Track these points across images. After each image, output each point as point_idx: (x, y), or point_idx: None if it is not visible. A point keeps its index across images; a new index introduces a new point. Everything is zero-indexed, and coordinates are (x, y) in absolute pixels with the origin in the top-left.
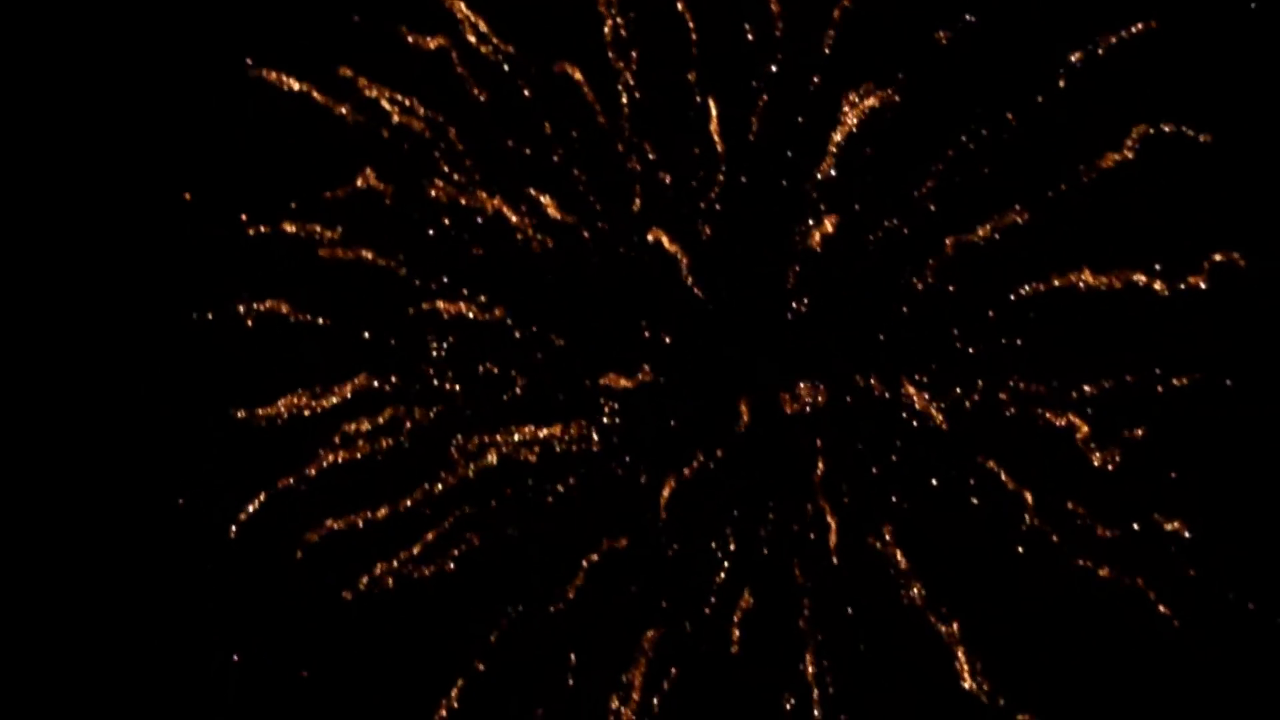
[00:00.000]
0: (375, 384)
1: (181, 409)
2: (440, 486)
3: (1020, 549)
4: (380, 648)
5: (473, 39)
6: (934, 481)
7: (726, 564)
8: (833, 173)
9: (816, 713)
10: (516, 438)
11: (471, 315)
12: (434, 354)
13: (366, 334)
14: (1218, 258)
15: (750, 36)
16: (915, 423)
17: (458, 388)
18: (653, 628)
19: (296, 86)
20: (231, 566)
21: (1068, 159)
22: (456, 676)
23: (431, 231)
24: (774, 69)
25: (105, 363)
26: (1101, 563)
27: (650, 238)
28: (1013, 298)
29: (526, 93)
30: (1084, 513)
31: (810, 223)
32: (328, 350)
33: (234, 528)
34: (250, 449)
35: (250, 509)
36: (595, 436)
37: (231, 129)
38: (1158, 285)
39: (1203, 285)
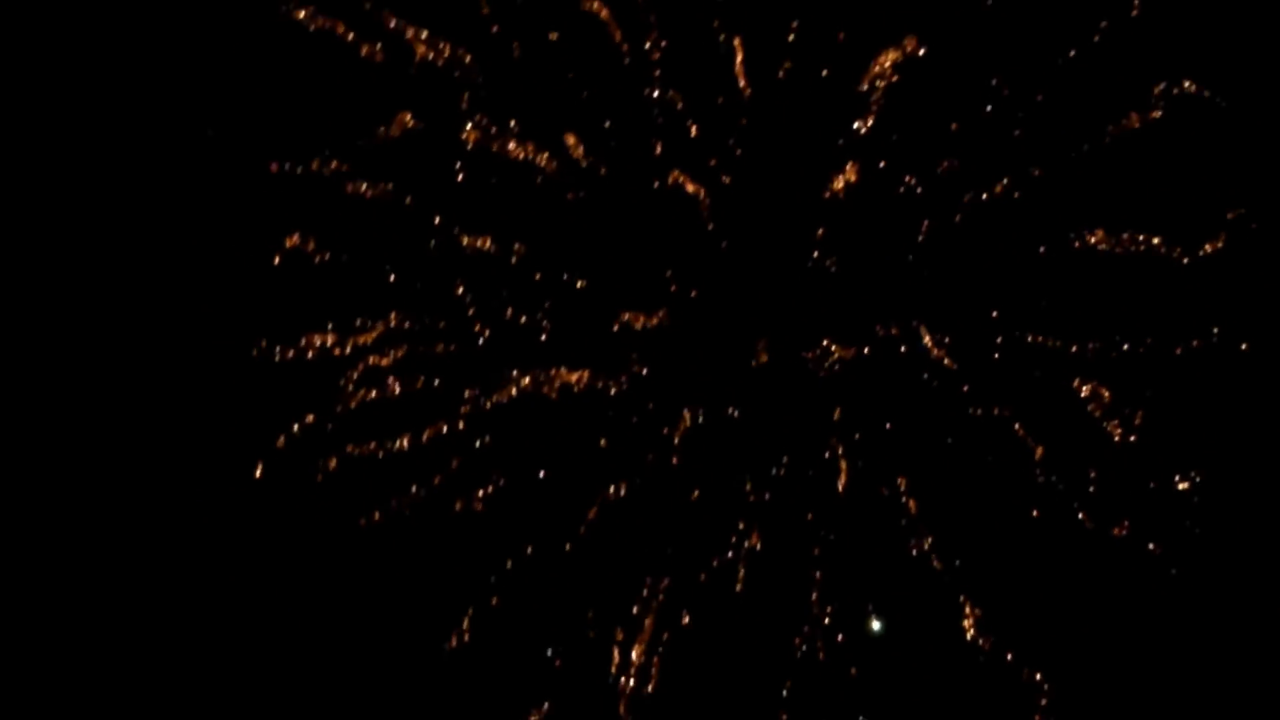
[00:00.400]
0: (399, 323)
1: (207, 348)
2: (461, 425)
3: (1032, 507)
4: (395, 578)
5: None
6: (949, 434)
7: (738, 506)
8: (856, 123)
9: (821, 656)
10: (537, 377)
11: (494, 253)
12: (458, 293)
13: (391, 273)
14: (1233, 218)
15: None
16: (932, 374)
17: (485, 330)
18: (664, 567)
19: (325, 25)
20: (256, 502)
21: (1093, 116)
22: (468, 608)
23: (460, 173)
24: (802, 11)
25: (133, 302)
26: (1112, 520)
27: (672, 179)
28: (1039, 251)
29: (553, 35)
30: (1095, 475)
31: (833, 170)
32: (353, 289)
33: (260, 466)
34: (276, 386)
35: (277, 444)
36: (613, 377)
37: (260, 67)
38: (1177, 251)
39: (1220, 246)
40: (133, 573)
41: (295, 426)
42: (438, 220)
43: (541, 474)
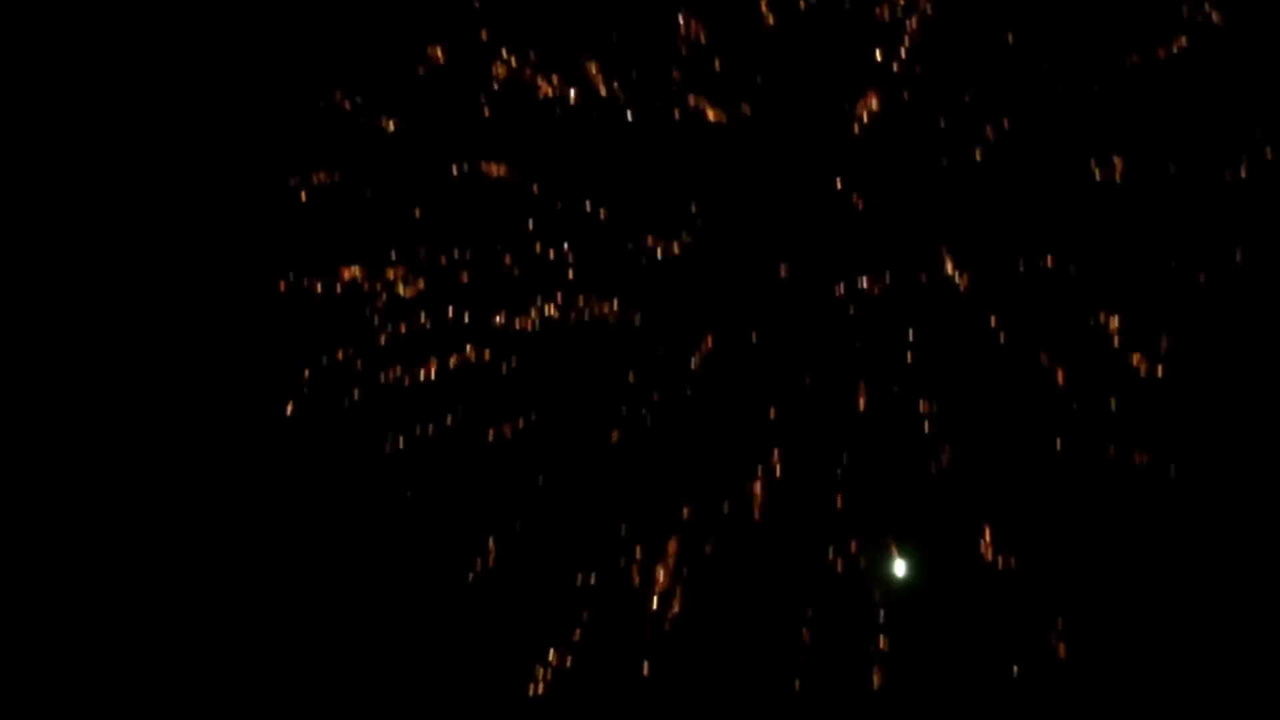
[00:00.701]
0: (425, 255)
1: (232, 281)
2: (489, 354)
3: (1054, 434)
4: (419, 502)
5: None
6: (970, 360)
7: (759, 430)
8: (878, 54)
9: (839, 568)
10: (556, 304)
11: (517, 182)
12: (477, 222)
13: (416, 206)
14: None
15: None
16: (952, 302)
17: (510, 260)
18: (686, 491)
19: None
20: (285, 436)
21: (1119, 48)
22: (490, 536)
23: (484, 105)
24: None
25: (157, 238)
26: (1133, 448)
27: (691, 103)
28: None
29: None
30: (1116, 404)
31: (856, 98)
32: (378, 222)
33: (290, 404)
34: (299, 320)
35: (304, 376)
36: (636, 304)
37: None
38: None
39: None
40: (156, 505)
41: (324, 359)
42: (460, 153)
43: (565, 400)
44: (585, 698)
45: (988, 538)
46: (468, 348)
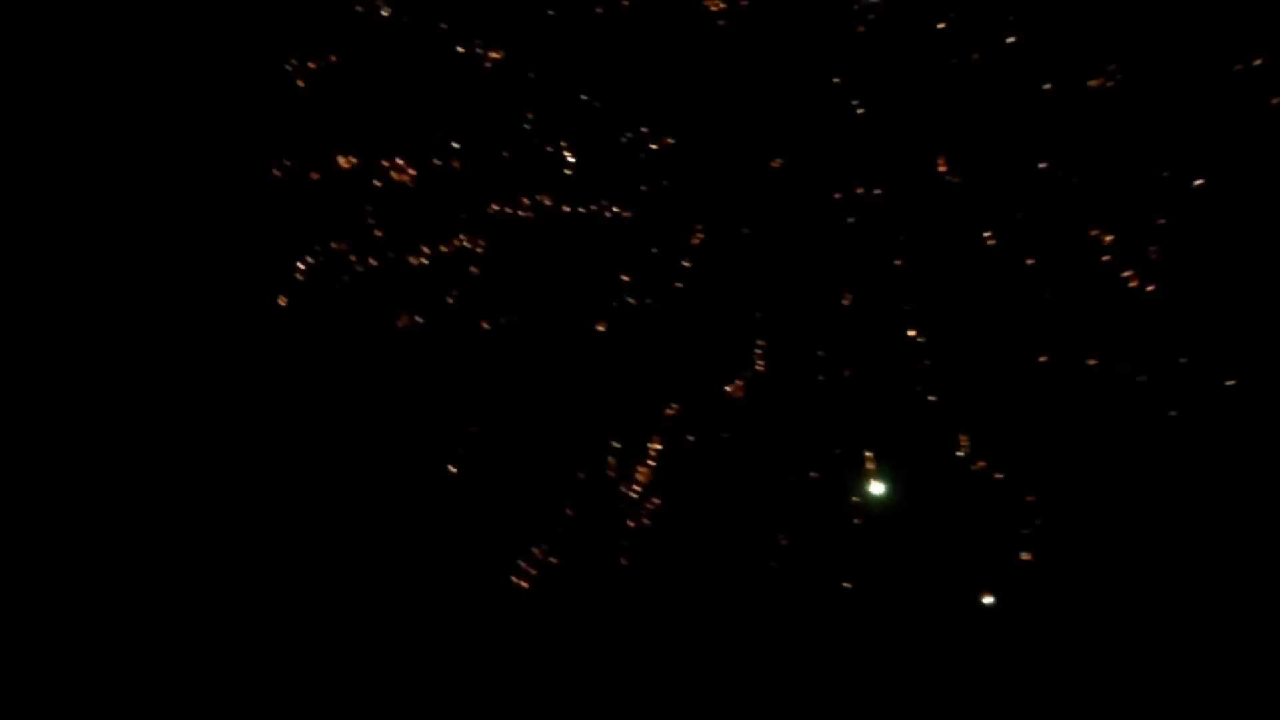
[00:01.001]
0: (419, 143)
1: (222, 173)
2: (484, 244)
3: (1042, 353)
4: (405, 388)
5: None
6: (960, 268)
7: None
8: None
9: (814, 475)
10: (550, 196)
11: (511, 71)
12: (470, 111)
13: (409, 94)
14: None
15: None
16: (945, 210)
17: (502, 150)
18: (670, 388)
19: None
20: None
21: None
22: (471, 424)
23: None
24: None
25: (146, 127)
26: (1120, 360)
27: None
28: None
29: None
30: (1105, 317)
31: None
32: (370, 109)
33: (283, 298)
34: (292, 209)
35: (300, 267)
36: (627, 196)
37: None
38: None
39: None
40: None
41: (317, 249)
42: (453, 41)
43: (552, 292)
44: (568, 592)
45: (965, 448)
46: (460, 236)
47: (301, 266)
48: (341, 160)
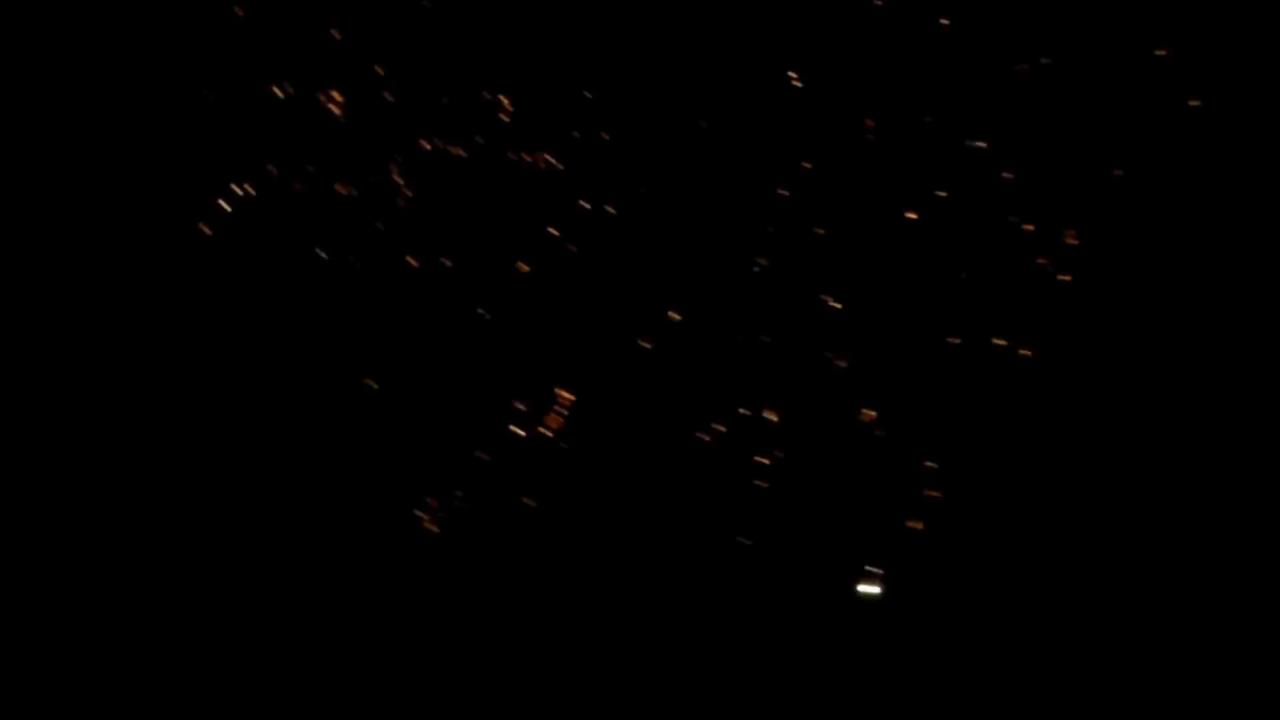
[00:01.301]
0: (363, 75)
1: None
2: (410, 184)
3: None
4: (325, 320)
5: None
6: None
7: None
8: None
9: (719, 429)
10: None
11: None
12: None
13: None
14: None
15: None
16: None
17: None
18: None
19: None
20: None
21: None
22: (386, 359)
23: None
24: None
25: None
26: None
27: None
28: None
29: None
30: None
31: None
32: (309, 40)
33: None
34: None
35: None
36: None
37: None
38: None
39: None
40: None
41: (246, 180)
42: None
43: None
44: (476, 536)
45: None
46: (391, 169)
47: (227, 196)
48: (276, 90)
